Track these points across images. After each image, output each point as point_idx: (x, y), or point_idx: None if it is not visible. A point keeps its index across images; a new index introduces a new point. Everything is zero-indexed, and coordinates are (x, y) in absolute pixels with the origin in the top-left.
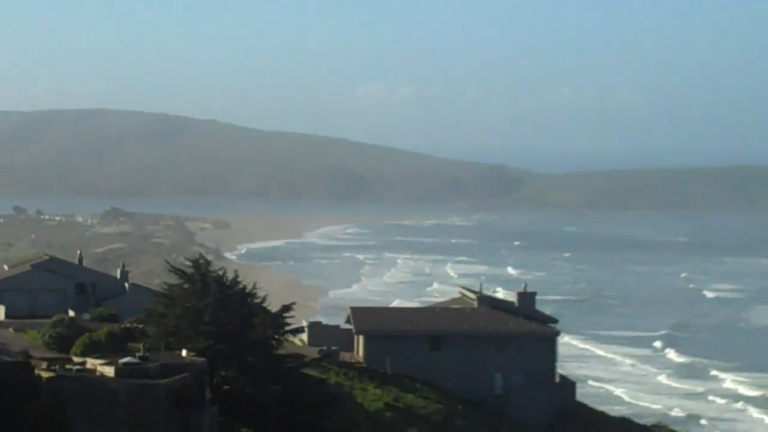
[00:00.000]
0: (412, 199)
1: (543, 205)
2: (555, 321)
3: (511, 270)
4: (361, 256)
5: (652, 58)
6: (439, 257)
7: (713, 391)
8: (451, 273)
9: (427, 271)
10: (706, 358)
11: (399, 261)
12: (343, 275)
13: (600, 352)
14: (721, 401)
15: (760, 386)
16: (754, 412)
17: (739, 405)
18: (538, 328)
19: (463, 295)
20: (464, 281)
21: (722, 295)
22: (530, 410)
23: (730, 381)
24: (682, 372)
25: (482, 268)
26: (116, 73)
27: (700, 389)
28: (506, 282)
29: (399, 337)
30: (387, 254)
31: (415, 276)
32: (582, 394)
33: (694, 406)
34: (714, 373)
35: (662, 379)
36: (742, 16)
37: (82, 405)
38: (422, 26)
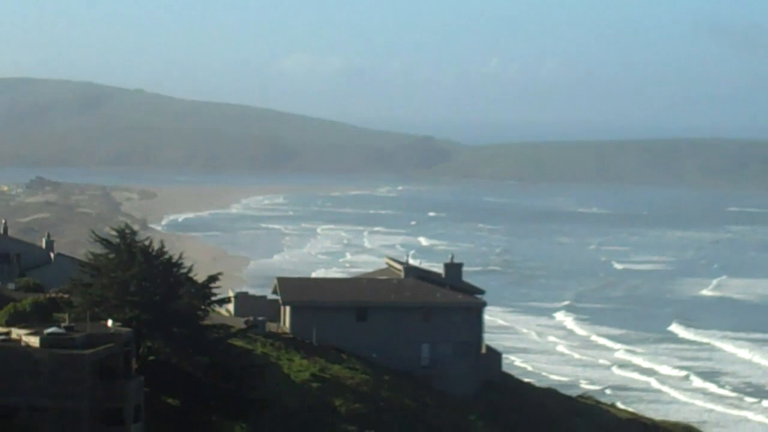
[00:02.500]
0: (339, 170)
1: (469, 176)
2: (482, 292)
3: (423, 240)
4: (283, 227)
5: (579, 31)
6: (359, 227)
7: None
8: (367, 243)
9: (345, 241)
10: (604, 327)
11: (319, 231)
12: (267, 246)
13: (502, 322)
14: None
15: (651, 356)
16: (653, 383)
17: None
18: (465, 298)
19: (390, 265)
20: (381, 251)
21: (631, 267)
22: (457, 381)
23: (622, 351)
24: (582, 342)
25: (398, 239)
26: (42, 43)
27: (602, 360)
28: (422, 252)
29: (326, 308)
30: (308, 225)
31: (335, 246)
32: None
33: (603, 377)
34: (609, 344)
35: (563, 348)
36: None
37: (6, 375)
38: None
